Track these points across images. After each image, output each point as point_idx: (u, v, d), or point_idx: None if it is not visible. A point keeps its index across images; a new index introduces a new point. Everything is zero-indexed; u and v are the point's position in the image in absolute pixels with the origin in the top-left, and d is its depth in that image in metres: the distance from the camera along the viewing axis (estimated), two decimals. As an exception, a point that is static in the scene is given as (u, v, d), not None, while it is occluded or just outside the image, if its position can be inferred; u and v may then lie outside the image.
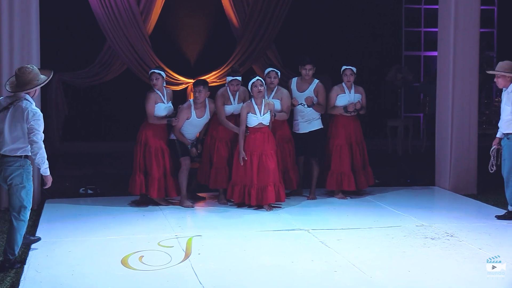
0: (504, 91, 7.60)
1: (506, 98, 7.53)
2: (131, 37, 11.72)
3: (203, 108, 8.24)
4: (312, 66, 8.51)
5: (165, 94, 8.24)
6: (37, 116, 5.94)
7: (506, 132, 7.53)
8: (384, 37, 13.73)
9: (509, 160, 7.50)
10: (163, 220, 7.61)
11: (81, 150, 12.14)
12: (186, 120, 8.18)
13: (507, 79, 7.51)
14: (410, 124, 13.04)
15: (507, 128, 7.50)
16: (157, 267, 5.88)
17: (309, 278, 5.63)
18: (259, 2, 12.15)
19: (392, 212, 8.02)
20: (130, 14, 11.66)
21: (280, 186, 8.05)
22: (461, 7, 9.09)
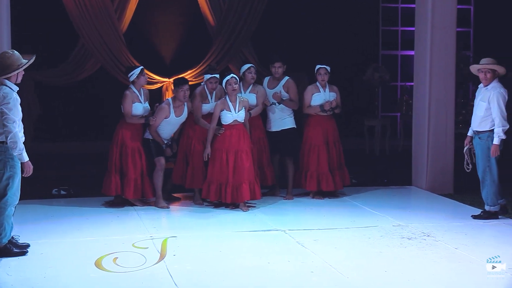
0: (481, 88, 7.65)
1: (483, 94, 7.59)
2: (105, 35, 11.64)
3: (182, 107, 8.22)
4: (282, 63, 8.56)
5: (142, 93, 8.21)
6: (8, 100, 5.93)
7: (478, 130, 7.58)
8: (361, 36, 13.78)
9: (482, 159, 7.57)
10: (137, 221, 7.57)
11: (54, 150, 12.03)
12: (165, 119, 8.16)
13: (492, 75, 7.56)
14: (388, 123, 13.11)
15: (479, 125, 7.56)
16: (131, 268, 5.85)
17: (286, 279, 5.63)
18: (235, 0, 12.14)
19: (369, 212, 8.06)
20: (104, 11, 11.58)
21: (256, 184, 8.06)
22: (438, 6, 9.16)
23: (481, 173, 7.63)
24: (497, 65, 7.56)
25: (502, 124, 7.41)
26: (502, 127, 7.41)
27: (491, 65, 7.56)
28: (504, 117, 7.44)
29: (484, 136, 7.53)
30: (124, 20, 11.81)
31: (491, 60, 7.61)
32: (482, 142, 7.54)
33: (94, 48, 11.70)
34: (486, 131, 7.52)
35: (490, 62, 7.58)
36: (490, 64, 7.57)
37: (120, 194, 8.16)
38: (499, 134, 7.41)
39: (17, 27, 8.87)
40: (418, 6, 9.52)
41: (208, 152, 8.00)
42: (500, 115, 7.41)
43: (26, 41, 10.88)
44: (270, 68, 8.66)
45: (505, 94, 7.50)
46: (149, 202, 8.29)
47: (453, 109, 9.44)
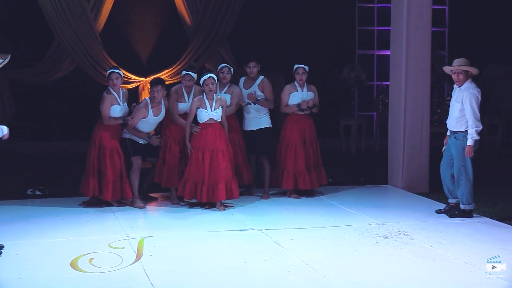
0: (455, 89, 7.71)
1: (457, 95, 7.65)
2: (81, 34, 11.58)
3: (159, 107, 8.19)
4: (256, 63, 8.56)
5: (121, 95, 8.15)
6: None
7: (454, 130, 7.64)
8: (338, 35, 13.82)
9: (457, 159, 7.62)
10: (114, 221, 7.53)
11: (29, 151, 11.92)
12: (142, 119, 8.12)
13: (465, 76, 7.61)
14: (364, 123, 13.17)
15: (455, 126, 7.62)
16: (107, 269, 5.81)
17: (262, 278, 5.63)
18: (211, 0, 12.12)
19: (345, 211, 8.08)
20: (79, 10, 11.51)
21: (233, 183, 8.04)
22: (414, 6, 9.21)
23: (456, 173, 7.69)
24: (469, 66, 7.61)
25: (476, 125, 7.47)
26: (475, 128, 7.47)
27: (463, 67, 7.61)
28: (477, 118, 7.49)
29: (459, 136, 7.58)
30: (100, 20, 11.76)
31: (463, 61, 7.65)
32: (458, 142, 7.60)
33: (70, 48, 11.63)
34: (461, 131, 7.57)
35: (463, 63, 7.62)
36: (462, 65, 7.61)
37: (98, 196, 8.11)
38: (472, 135, 7.47)
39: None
40: (394, 6, 9.56)
41: (189, 147, 7.97)
42: (473, 116, 7.46)
43: (1, 40, 10.78)
44: (245, 68, 8.66)
45: (478, 94, 7.55)
46: (125, 202, 8.24)
47: (429, 109, 9.51)
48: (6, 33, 11.62)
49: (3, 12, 11.43)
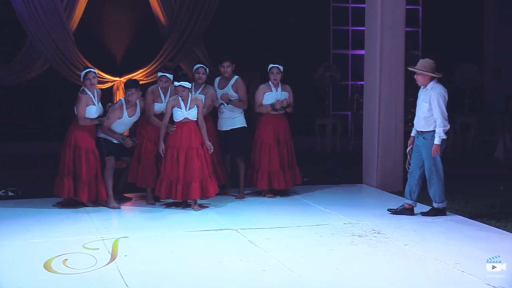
0: (422, 89, 7.76)
1: (424, 95, 7.69)
2: (54, 33, 11.46)
3: (135, 107, 8.15)
4: (230, 63, 8.57)
5: (95, 94, 8.10)
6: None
7: (422, 130, 7.68)
8: (313, 35, 13.86)
9: (427, 159, 7.67)
10: (88, 222, 7.48)
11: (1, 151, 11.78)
12: (117, 120, 8.08)
13: (426, 77, 7.67)
14: (339, 122, 13.22)
15: (423, 126, 7.67)
16: (81, 270, 5.77)
17: (238, 278, 5.63)
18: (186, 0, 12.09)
19: (320, 210, 8.11)
20: (52, 9, 11.39)
21: (209, 181, 8.03)
22: (387, 7, 9.26)
23: (427, 172, 7.73)
24: (427, 72, 7.62)
25: (443, 125, 7.53)
26: (443, 127, 7.53)
27: (419, 71, 7.64)
28: (445, 117, 7.56)
29: (428, 136, 7.63)
30: (74, 19, 11.64)
31: (424, 63, 7.67)
32: (427, 142, 7.64)
33: (43, 47, 11.51)
34: (430, 131, 7.62)
35: (420, 67, 7.66)
36: (419, 69, 7.64)
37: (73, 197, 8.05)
38: (440, 134, 7.53)
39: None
40: (368, 6, 9.61)
41: (162, 148, 7.95)
42: (441, 115, 7.52)
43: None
44: (219, 68, 8.66)
45: (445, 94, 7.61)
46: (100, 203, 8.18)
47: (402, 108, 9.56)
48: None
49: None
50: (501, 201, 8.55)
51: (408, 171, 7.95)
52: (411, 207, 7.85)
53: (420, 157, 7.76)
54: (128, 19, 12.81)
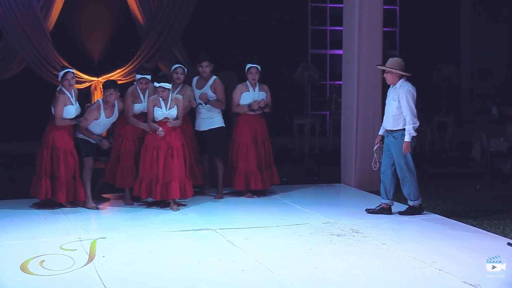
0: (392, 87, 7.80)
1: (393, 94, 7.73)
2: (30, 33, 11.38)
3: (112, 108, 8.11)
4: (209, 63, 8.56)
5: (73, 94, 8.05)
6: None
7: (392, 129, 7.71)
8: (291, 35, 13.89)
9: (398, 158, 7.70)
10: (65, 223, 7.43)
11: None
12: (94, 120, 8.04)
13: (395, 75, 7.71)
14: (317, 122, 13.25)
15: (393, 124, 7.70)
16: (59, 271, 5.73)
17: (217, 278, 5.62)
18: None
19: (299, 210, 8.12)
20: (29, 9, 11.31)
21: (187, 181, 8.01)
22: (365, 6, 9.30)
23: (399, 171, 7.77)
24: (395, 69, 7.66)
25: (413, 122, 7.58)
26: (412, 125, 7.57)
27: (388, 69, 7.69)
28: (414, 114, 7.60)
29: (398, 135, 7.68)
30: (51, 18, 11.57)
31: (393, 62, 7.72)
32: (397, 141, 7.67)
33: (19, 47, 11.42)
34: (399, 129, 7.66)
35: (389, 66, 7.70)
36: (388, 67, 7.69)
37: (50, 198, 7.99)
38: (410, 132, 7.57)
39: None
40: (346, 6, 9.65)
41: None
42: (410, 113, 7.57)
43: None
44: (198, 68, 8.65)
45: (413, 91, 7.65)
46: (78, 203, 8.13)
47: (380, 108, 9.58)
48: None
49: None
50: (478, 200, 8.62)
51: (375, 169, 7.99)
52: (389, 207, 7.90)
53: (390, 156, 7.79)
54: (106, 19, 12.74)
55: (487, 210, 8.03)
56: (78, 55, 12.28)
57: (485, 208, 8.17)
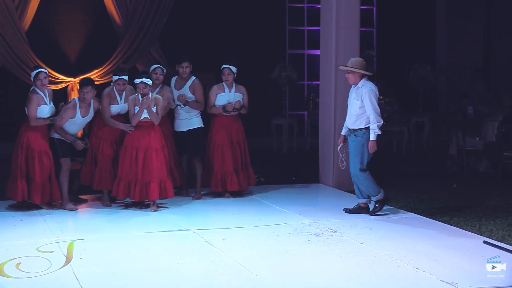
0: (353, 87, 7.83)
1: (355, 93, 7.77)
2: (5, 33, 11.29)
3: (88, 107, 8.06)
4: (189, 63, 8.53)
5: (47, 94, 7.98)
6: None
7: (354, 128, 7.75)
8: (269, 35, 13.91)
9: (355, 156, 7.74)
10: (42, 224, 7.37)
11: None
12: (70, 119, 7.98)
13: (357, 75, 7.75)
14: (295, 122, 13.28)
15: (354, 123, 7.75)
16: (35, 273, 5.68)
17: (195, 278, 5.60)
18: (141, 0, 12.01)
19: (277, 210, 8.13)
20: (4, 9, 11.21)
21: (167, 182, 7.98)
22: (342, 7, 9.33)
23: (352, 169, 7.80)
24: (357, 69, 7.70)
25: (377, 120, 7.63)
26: (377, 123, 7.62)
27: (351, 68, 7.73)
28: (378, 113, 7.65)
29: (360, 134, 7.72)
30: (26, 18, 11.48)
31: (353, 62, 7.77)
32: (357, 140, 7.72)
33: (-6, 47, 11.33)
34: (361, 128, 7.71)
35: (350, 65, 7.75)
36: (350, 67, 7.73)
37: (27, 199, 7.92)
38: (375, 131, 7.63)
39: None
40: (323, 6, 9.67)
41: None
42: (373, 111, 7.61)
43: None
44: (177, 68, 8.62)
45: (376, 90, 7.72)
46: (55, 205, 8.07)
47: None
48: None
49: None
50: (454, 199, 8.69)
51: (342, 168, 8.04)
52: (366, 206, 7.93)
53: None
54: (83, 19, 12.68)
55: (464, 209, 8.09)
56: (55, 56, 12.20)
57: (462, 207, 8.23)
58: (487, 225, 7.33)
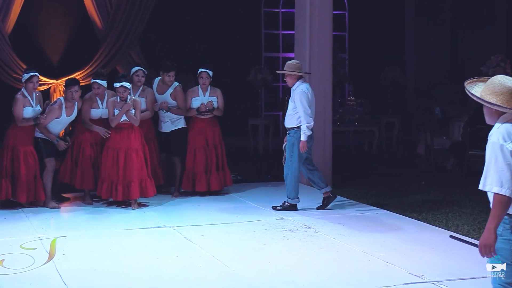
0: (291, 89, 7.91)
1: (291, 95, 7.89)
2: (-11, 37, 11.16)
3: (73, 107, 8.03)
4: (175, 72, 8.53)
5: (34, 97, 7.93)
6: None
7: (288, 126, 7.89)
8: (245, 39, 13.91)
9: (288, 154, 7.88)
10: (25, 222, 7.32)
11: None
12: (55, 119, 7.93)
13: (293, 77, 7.87)
14: (271, 122, 13.31)
15: (288, 123, 7.88)
16: (19, 270, 5.64)
17: (174, 274, 5.60)
18: (122, 2, 11.94)
19: (253, 207, 8.15)
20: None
21: (148, 181, 7.96)
22: (316, 12, 9.36)
23: (285, 167, 7.94)
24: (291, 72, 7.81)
25: (307, 121, 7.70)
26: (306, 124, 7.70)
27: (286, 72, 7.86)
28: (308, 113, 7.71)
29: (292, 132, 7.85)
30: (9, 22, 11.35)
31: (289, 65, 7.90)
32: (290, 138, 7.86)
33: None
34: (293, 127, 7.82)
35: (286, 69, 7.88)
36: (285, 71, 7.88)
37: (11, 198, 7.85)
38: (305, 131, 7.71)
39: None
40: (297, 11, 9.69)
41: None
42: (304, 112, 7.69)
43: None
44: (163, 75, 8.57)
45: (307, 92, 7.77)
46: (37, 203, 8.01)
47: (331, 108, 9.69)
48: None
49: None
50: (422, 196, 8.76)
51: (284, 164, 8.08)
52: (328, 193, 7.96)
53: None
54: (65, 22, 12.57)
55: (431, 205, 8.17)
56: (37, 58, 12.07)
57: (429, 203, 8.31)
58: (454, 220, 7.41)
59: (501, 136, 3.66)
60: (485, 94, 3.76)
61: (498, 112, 3.73)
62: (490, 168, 3.67)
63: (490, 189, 3.67)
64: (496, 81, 3.76)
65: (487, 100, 3.73)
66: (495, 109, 3.73)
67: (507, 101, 3.69)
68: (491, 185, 3.66)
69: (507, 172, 3.62)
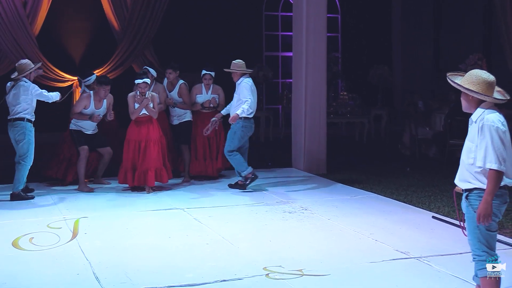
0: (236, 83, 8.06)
1: (237, 88, 8.03)
2: (18, 38, 11.16)
3: (101, 101, 8.03)
4: (172, 70, 8.60)
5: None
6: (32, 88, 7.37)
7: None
8: (248, 40, 13.88)
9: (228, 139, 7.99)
10: (52, 205, 7.32)
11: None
12: (83, 109, 7.91)
13: (237, 74, 8.02)
14: (271, 115, 13.29)
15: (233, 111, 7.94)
16: (46, 247, 5.65)
17: (184, 251, 5.60)
18: (137, 7, 11.92)
19: (256, 191, 8.12)
20: (16, 16, 11.09)
21: (163, 169, 7.95)
22: (311, 15, 9.33)
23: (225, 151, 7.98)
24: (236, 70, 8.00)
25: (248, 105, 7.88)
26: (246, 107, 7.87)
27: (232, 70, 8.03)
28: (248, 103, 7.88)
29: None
30: (36, 24, 11.35)
31: (234, 64, 8.07)
32: (232, 126, 7.97)
33: (8, 50, 11.19)
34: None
35: (232, 67, 8.05)
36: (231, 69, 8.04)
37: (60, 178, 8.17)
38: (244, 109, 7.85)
39: None
40: (295, 14, 9.67)
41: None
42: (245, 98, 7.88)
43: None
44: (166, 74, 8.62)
45: (249, 83, 7.98)
46: None
47: (325, 102, 9.66)
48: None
49: None
50: (407, 181, 8.75)
51: (205, 134, 8.27)
52: (243, 183, 8.00)
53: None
54: (86, 25, 12.58)
55: (415, 189, 8.16)
56: (61, 57, 12.09)
57: (414, 187, 8.30)
58: (435, 202, 7.40)
59: (496, 119, 3.80)
60: (464, 84, 3.91)
61: (475, 99, 3.89)
62: (488, 148, 3.78)
63: (490, 166, 3.77)
64: (474, 73, 3.93)
65: (468, 88, 3.84)
66: (475, 96, 3.86)
67: (483, 90, 3.85)
68: (491, 162, 3.77)
69: (503, 151, 3.75)
